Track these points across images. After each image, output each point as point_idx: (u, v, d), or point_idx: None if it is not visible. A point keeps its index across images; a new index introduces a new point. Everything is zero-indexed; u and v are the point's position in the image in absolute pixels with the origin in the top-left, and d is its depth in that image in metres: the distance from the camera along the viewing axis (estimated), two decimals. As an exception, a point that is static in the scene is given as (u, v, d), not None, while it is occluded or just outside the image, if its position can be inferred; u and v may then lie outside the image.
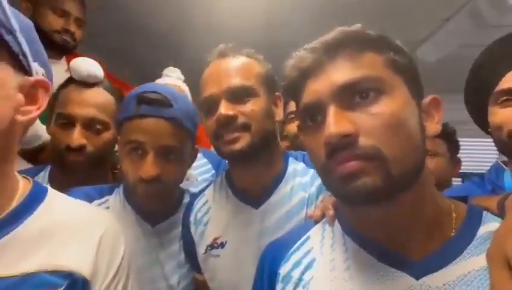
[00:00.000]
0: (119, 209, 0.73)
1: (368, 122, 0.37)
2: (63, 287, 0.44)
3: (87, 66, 0.80)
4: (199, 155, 0.83)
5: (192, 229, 0.71)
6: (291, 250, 0.49)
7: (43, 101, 0.45)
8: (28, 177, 0.50)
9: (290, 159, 0.73)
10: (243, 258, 0.65)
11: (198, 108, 0.70)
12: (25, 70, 0.43)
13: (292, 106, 1.16)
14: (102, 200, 0.74)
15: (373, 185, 0.36)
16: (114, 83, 0.88)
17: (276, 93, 0.71)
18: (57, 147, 0.79)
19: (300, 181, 0.68)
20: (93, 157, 0.80)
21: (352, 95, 0.38)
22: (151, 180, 0.65)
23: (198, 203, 0.74)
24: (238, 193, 0.71)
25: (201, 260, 0.69)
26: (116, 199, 0.75)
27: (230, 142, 0.62)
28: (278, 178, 0.69)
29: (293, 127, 1.18)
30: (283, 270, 0.47)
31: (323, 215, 0.52)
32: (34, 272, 0.43)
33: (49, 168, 0.88)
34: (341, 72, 0.39)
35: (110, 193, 0.76)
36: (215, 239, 0.68)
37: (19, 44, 0.41)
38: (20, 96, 0.42)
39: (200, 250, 0.69)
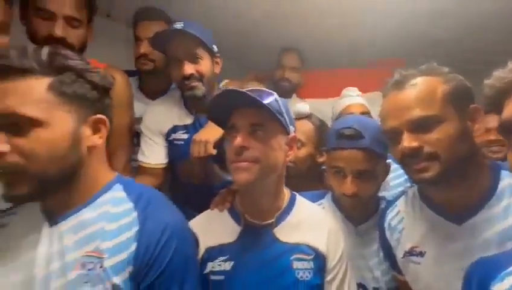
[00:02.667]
0: (331, 211, 0.97)
1: None
2: (312, 256, 0.74)
3: None
4: (392, 165, 0.93)
5: (388, 234, 0.83)
6: (506, 271, 0.49)
7: (294, 149, 0.78)
8: (290, 192, 0.83)
9: (503, 172, 0.69)
10: (445, 271, 0.69)
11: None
12: (287, 132, 0.75)
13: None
14: (318, 203, 1.01)
15: None
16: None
17: (472, 106, 0.67)
18: None
19: None
20: None
21: None
22: (351, 196, 0.84)
23: (391, 212, 0.85)
24: (434, 207, 0.75)
25: (401, 263, 0.80)
26: (328, 202, 1.00)
27: (420, 171, 0.65)
28: (486, 195, 0.67)
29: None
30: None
31: None
32: (299, 243, 0.74)
33: None
34: None
35: (323, 197, 1.03)
36: (413, 247, 0.77)
37: (286, 121, 0.73)
38: (286, 148, 0.75)
39: (399, 254, 0.80)
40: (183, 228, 0.67)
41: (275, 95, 0.74)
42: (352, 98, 1.39)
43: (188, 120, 1.18)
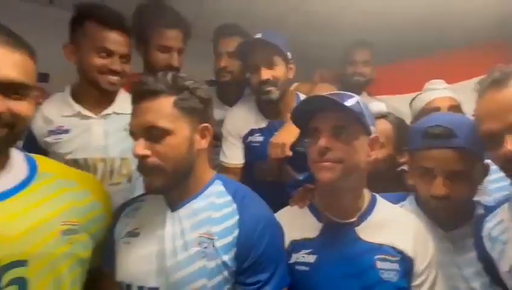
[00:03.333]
0: (414, 214, 0.90)
1: None
2: (398, 258, 0.73)
3: None
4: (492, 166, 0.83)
5: (488, 246, 0.76)
6: None
7: (375, 149, 0.78)
8: (371, 193, 0.83)
9: None
10: None
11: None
12: (369, 133, 0.76)
13: None
14: (400, 205, 0.97)
15: None
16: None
17: None
18: None
19: None
20: None
21: None
22: (441, 198, 0.78)
23: (492, 220, 0.77)
24: None
25: (506, 278, 0.73)
26: (410, 205, 0.95)
27: None
28: None
29: None
30: None
31: None
32: (383, 243, 0.74)
33: None
34: None
35: (404, 199, 0.98)
36: None
37: (368, 122, 0.74)
38: (368, 149, 0.76)
39: (503, 268, 0.73)
40: (274, 220, 0.75)
41: (357, 97, 0.75)
42: (438, 91, 1.27)
43: (263, 124, 1.27)
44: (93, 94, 1.04)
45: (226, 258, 0.67)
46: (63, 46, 1.02)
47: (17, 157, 0.66)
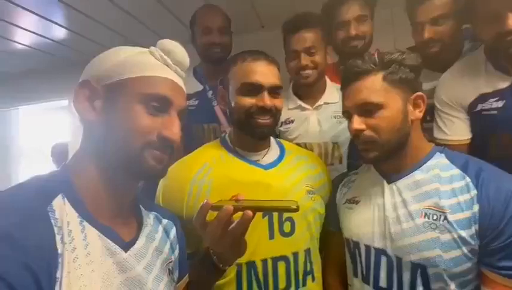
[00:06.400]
0: None
1: None
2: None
3: None
4: None
5: None
6: None
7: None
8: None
9: None
10: None
11: None
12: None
13: None
14: None
15: None
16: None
17: None
18: None
19: None
20: None
21: None
22: None
23: None
24: None
25: None
26: None
27: None
28: None
29: None
30: None
31: None
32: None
33: None
34: None
35: None
36: None
37: None
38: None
39: None
40: None
41: None
42: None
43: (503, 84, 0.96)
44: (307, 91, 1.26)
45: (464, 234, 0.65)
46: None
47: (272, 139, 0.95)
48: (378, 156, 0.75)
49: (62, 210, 0.46)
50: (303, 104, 1.26)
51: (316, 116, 1.25)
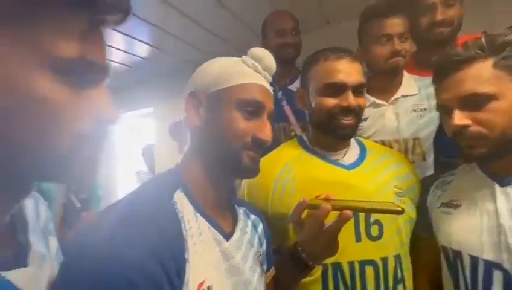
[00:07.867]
0: None
1: None
2: None
3: None
4: None
5: None
6: None
7: None
8: None
9: None
10: None
11: None
12: None
13: None
14: None
15: None
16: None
17: None
18: None
19: None
20: None
21: None
22: None
23: None
24: None
25: None
26: None
27: None
28: None
29: None
30: None
31: None
32: None
33: None
34: None
35: None
36: None
37: None
38: None
39: None
40: None
41: None
42: None
43: None
44: (383, 85, 1.18)
45: None
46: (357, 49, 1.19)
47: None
48: (486, 153, 0.66)
49: (182, 202, 0.53)
50: (377, 101, 1.18)
51: (393, 111, 1.16)
